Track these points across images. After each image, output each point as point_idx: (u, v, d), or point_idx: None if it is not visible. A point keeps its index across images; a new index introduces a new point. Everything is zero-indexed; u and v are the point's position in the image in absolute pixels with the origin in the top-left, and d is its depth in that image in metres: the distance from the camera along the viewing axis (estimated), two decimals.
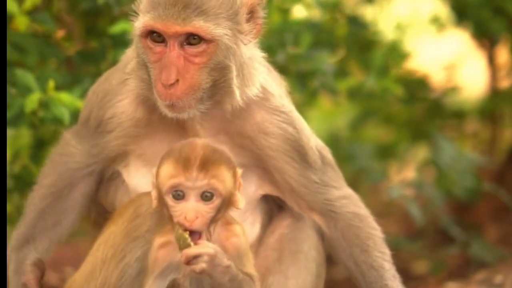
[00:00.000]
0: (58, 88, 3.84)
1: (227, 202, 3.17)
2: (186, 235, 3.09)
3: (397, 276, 3.56)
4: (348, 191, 3.64)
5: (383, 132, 6.28)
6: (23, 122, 3.85)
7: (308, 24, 4.50)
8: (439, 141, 5.45)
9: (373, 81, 4.61)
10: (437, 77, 5.99)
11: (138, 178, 3.51)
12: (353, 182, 4.09)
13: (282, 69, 3.78)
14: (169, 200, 3.12)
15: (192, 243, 3.09)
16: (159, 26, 3.24)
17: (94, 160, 3.56)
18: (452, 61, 6.08)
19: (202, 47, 3.26)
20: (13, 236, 3.60)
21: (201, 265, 3.06)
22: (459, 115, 6.07)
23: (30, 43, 3.99)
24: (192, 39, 3.26)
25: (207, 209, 3.12)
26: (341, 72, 4.75)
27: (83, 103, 3.65)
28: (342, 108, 6.48)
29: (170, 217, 3.15)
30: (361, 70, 4.92)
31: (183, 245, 3.09)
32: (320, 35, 4.67)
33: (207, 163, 3.10)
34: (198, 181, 3.09)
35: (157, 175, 3.16)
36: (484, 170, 5.64)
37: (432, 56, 6.40)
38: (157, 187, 3.17)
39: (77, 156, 3.57)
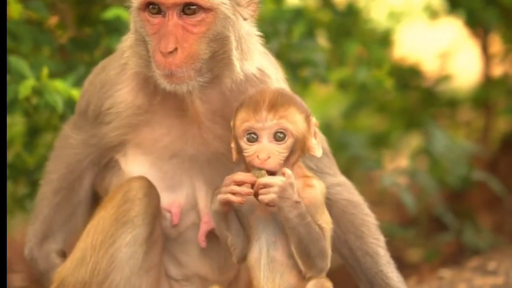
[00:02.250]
0: (52, 75, 3.83)
1: (301, 145, 3.25)
2: (262, 171, 3.18)
3: (391, 262, 3.58)
4: (342, 178, 3.64)
5: (377, 120, 6.28)
6: (17, 109, 3.83)
7: (299, 12, 4.50)
8: (432, 129, 5.46)
9: (364, 73, 4.60)
10: (430, 66, 6.00)
11: (135, 166, 3.50)
12: (347, 171, 4.09)
13: (275, 58, 3.77)
14: (244, 143, 3.22)
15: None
16: None
17: (91, 150, 3.54)
18: (445, 50, 6.08)
19: (200, 16, 3.24)
20: (31, 233, 3.60)
21: (270, 195, 3.14)
22: (452, 103, 6.08)
23: (23, 30, 3.97)
24: (190, 8, 3.23)
25: (279, 149, 3.20)
26: (332, 62, 4.75)
27: (79, 93, 3.64)
28: (336, 97, 6.47)
29: (248, 164, 3.23)
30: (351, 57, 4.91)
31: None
32: (312, 23, 4.67)
33: (275, 105, 3.21)
34: (267, 121, 3.20)
35: (234, 125, 3.26)
36: (477, 159, 5.66)
37: (425, 45, 6.40)
38: (234, 136, 3.26)
39: (78, 147, 3.56)
